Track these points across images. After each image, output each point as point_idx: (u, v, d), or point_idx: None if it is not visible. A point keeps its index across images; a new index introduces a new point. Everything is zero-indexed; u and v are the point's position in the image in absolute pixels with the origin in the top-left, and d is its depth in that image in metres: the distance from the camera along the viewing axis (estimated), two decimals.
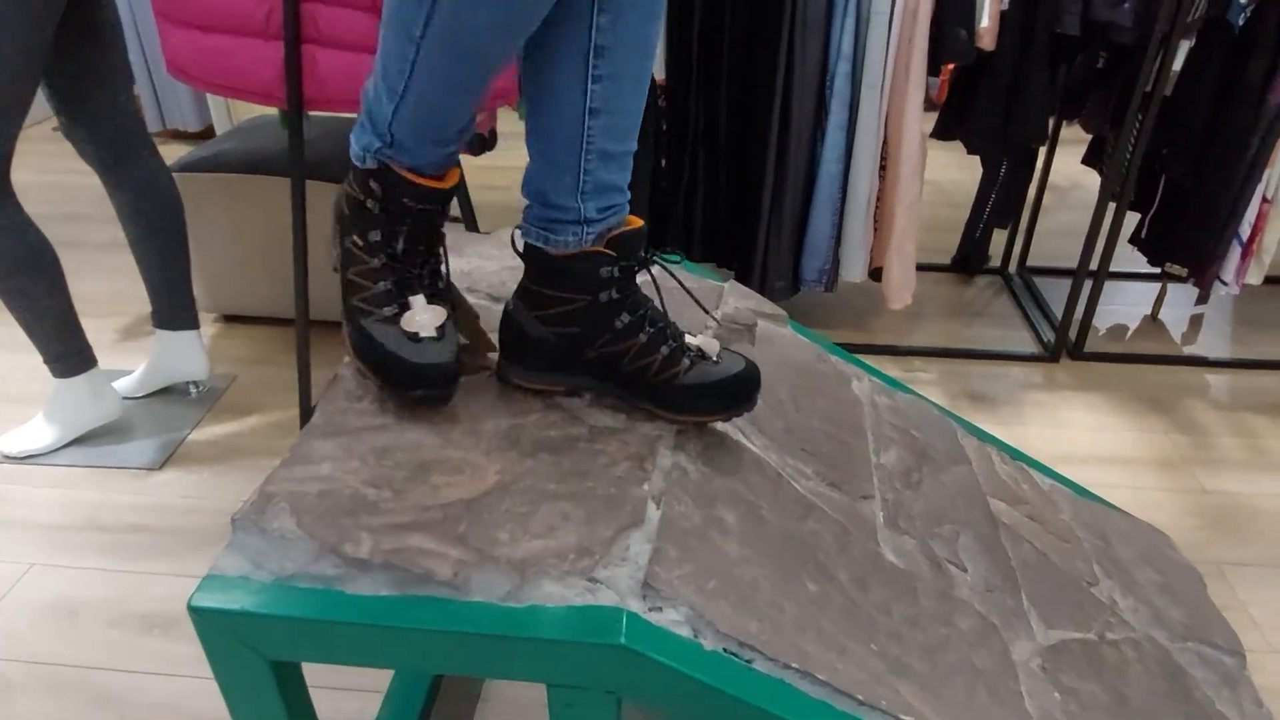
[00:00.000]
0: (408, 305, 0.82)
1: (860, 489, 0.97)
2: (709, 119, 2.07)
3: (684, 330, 0.88)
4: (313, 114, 1.62)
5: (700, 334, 0.90)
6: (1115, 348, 2.27)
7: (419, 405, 0.83)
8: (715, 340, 0.88)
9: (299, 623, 0.66)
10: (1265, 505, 1.71)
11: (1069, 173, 3.12)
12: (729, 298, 1.17)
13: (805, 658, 0.71)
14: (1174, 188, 2.15)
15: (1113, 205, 2.05)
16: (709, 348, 0.86)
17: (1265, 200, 2.00)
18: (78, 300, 1.66)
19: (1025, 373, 2.15)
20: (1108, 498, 1.37)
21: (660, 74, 2.01)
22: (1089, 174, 2.41)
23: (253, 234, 2.11)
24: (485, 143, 2.23)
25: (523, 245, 0.85)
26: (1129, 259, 2.39)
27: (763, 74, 1.96)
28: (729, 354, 0.87)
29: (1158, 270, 2.23)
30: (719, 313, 1.12)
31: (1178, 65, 1.98)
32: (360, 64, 1.47)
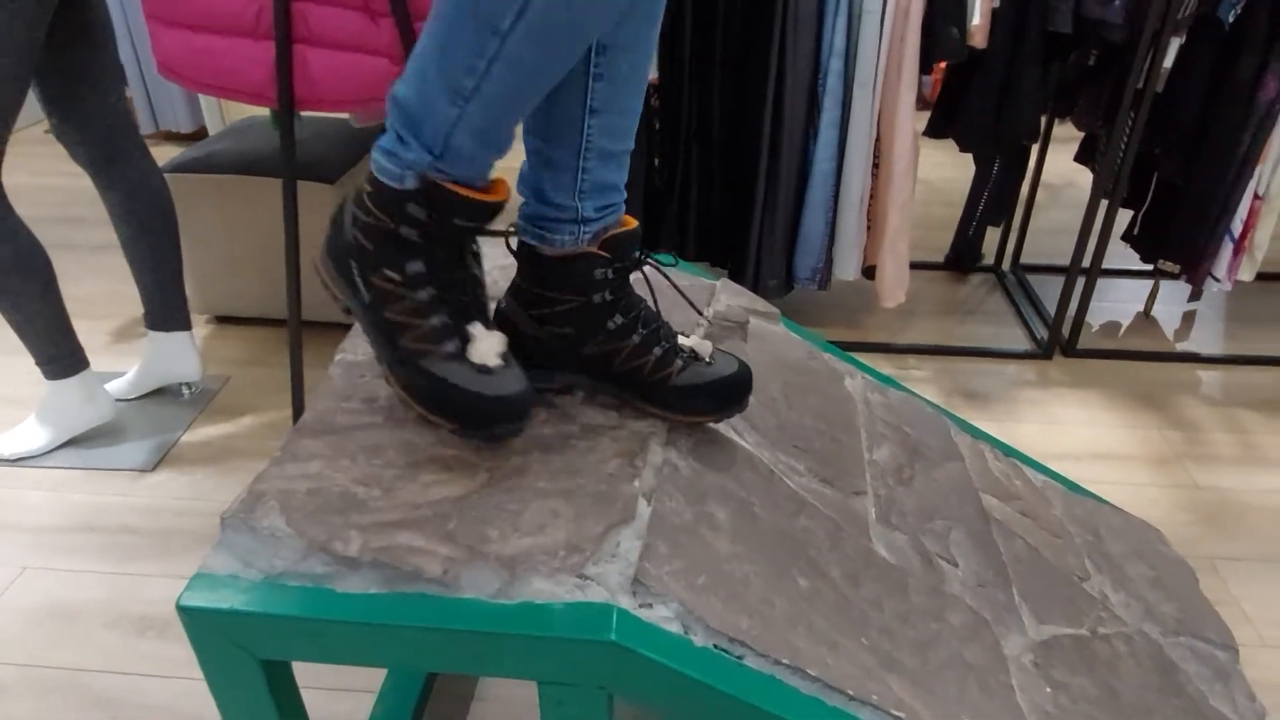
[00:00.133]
0: (468, 336, 0.76)
1: (852, 485, 0.98)
2: (702, 117, 2.07)
3: (677, 330, 0.87)
4: (304, 114, 1.61)
5: (692, 334, 0.90)
6: (1108, 344, 2.28)
7: (489, 440, 0.78)
8: (707, 342, 0.88)
9: (288, 621, 0.66)
10: (1257, 500, 1.71)
11: (1061, 170, 3.13)
12: (721, 295, 1.17)
13: (796, 653, 0.71)
14: (1166, 185, 2.15)
15: (1105, 202, 2.05)
16: (701, 349, 0.86)
17: (1257, 196, 2.01)
18: (70, 302, 1.66)
19: (1019, 370, 2.16)
20: (1101, 494, 1.37)
21: (653, 72, 2.01)
22: (1081, 172, 2.41)
23: (245, 235, 2.11)
24: None
25: (516, 244, 0.85)
26: (1122, 256, 2.40)
27: (755, 72, 1.97)
28: (722, 354, 0.87)
29: (1150, 267, 2.24)
30: (710, 311, 1.12)
31: (1169, 62, 1.99)
32: (352, 64, 1.46)
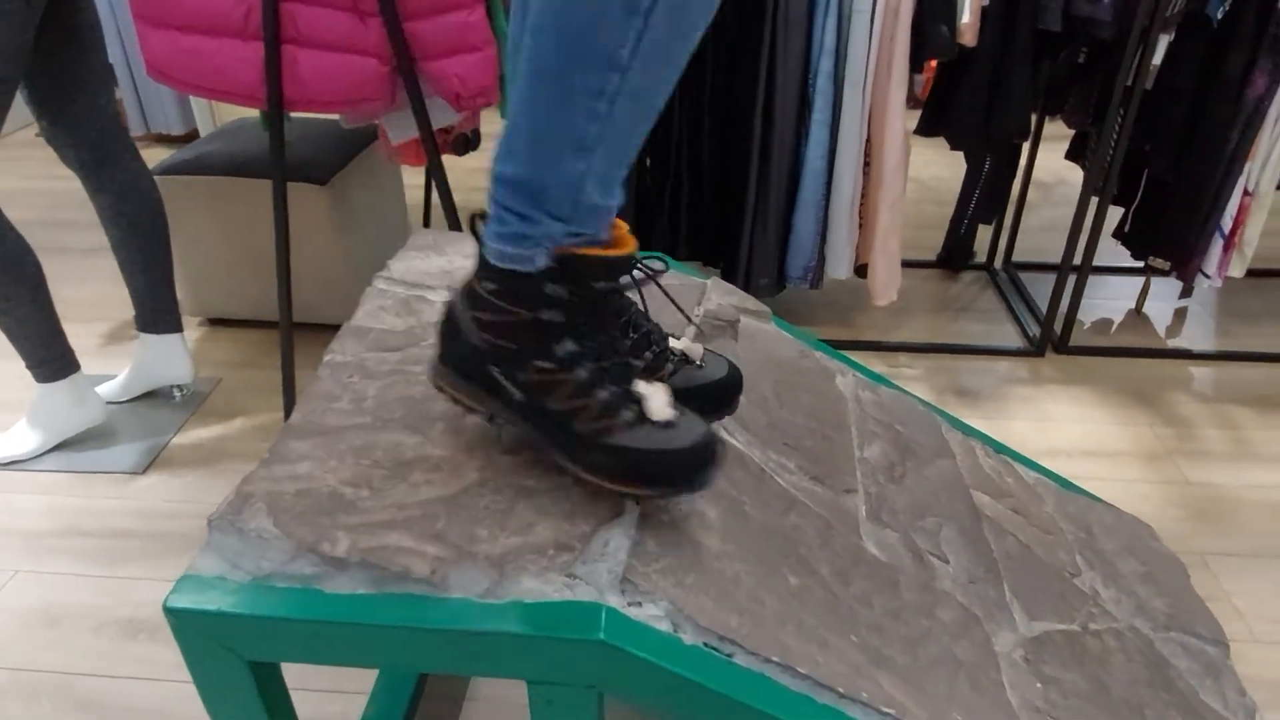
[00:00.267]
0: (638, 397, 0.71)
1: (843, 483, 0.98)
2: (693, 117, 2.07)
3: (667, 332, 0.85)
4: (294, 115, 1.61)
5: (683, 336, 0.89)
6: (1100, 341, 2.28)
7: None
8: (698, 345, 0.87)
9: (276, 622, 0.66)
10: (1249, 496, 1.72)
11: (1053, 168, 3.14)
12: (711, 294, 1.17)
13: (786, 651, 0.71)
14: (1156, 182, 2.16)
15: (1095, 200, 2.06)
16: (693, 352, 0.84)
17: (1246, 193, 2.02)
18: (60, 304, 1.66)
19: (1010, 367, 2.16)
20: (1092, 490, 1.37)
21: None
22: (1072, 169, 2.42)
23: (236, 236, 2.10)
24: (469, 143, 2.22)
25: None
26: (1113, 253, 2.40)
27: (745, 71, 1.96)
28: (713, 356, 0.86)
29: (1141, 264, 2.24)
30: (701, 309, 1.12)
31: (1158, 60, 1.99)
32: (341, 64, 1.46)
